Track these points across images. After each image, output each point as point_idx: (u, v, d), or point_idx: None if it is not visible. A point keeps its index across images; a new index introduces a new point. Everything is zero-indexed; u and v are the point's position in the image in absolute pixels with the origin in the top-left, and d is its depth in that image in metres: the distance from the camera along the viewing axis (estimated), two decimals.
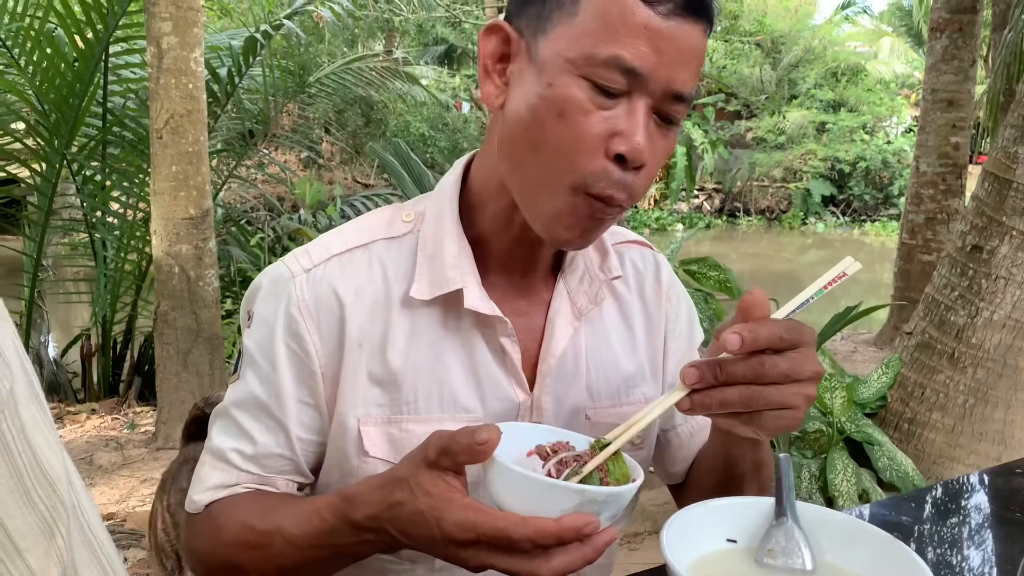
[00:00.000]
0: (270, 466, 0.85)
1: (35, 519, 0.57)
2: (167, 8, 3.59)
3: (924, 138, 5.77)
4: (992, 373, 3.04)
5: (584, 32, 0.73)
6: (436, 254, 0.85)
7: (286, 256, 0.88)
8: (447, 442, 0.68)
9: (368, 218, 0.90)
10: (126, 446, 3.85)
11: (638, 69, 0.73)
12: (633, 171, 0.76)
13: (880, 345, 6.21)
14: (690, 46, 0.74)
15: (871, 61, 18.31)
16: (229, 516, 0.83)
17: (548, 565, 0.65)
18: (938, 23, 5.60)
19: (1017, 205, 2.93)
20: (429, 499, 0.68)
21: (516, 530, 0.64)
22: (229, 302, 4.90)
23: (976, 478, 1.16)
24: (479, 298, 0.84)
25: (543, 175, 0.77)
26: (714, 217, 17.32)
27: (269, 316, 0.85)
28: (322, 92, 6.29)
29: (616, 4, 0.73)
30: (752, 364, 0.69)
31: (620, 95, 0.74)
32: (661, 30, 0.73)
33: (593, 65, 0.73)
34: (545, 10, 0.76)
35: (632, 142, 0.74)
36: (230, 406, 0.86)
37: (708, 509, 0.79)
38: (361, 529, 0.73)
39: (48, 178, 4.71)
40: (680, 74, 0.75)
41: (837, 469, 2.82)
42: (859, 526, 0.78)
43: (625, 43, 0.72)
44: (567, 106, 0.74)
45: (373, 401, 0.84)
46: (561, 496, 0.65)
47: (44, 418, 0.61)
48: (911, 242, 5.85)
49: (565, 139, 0.75)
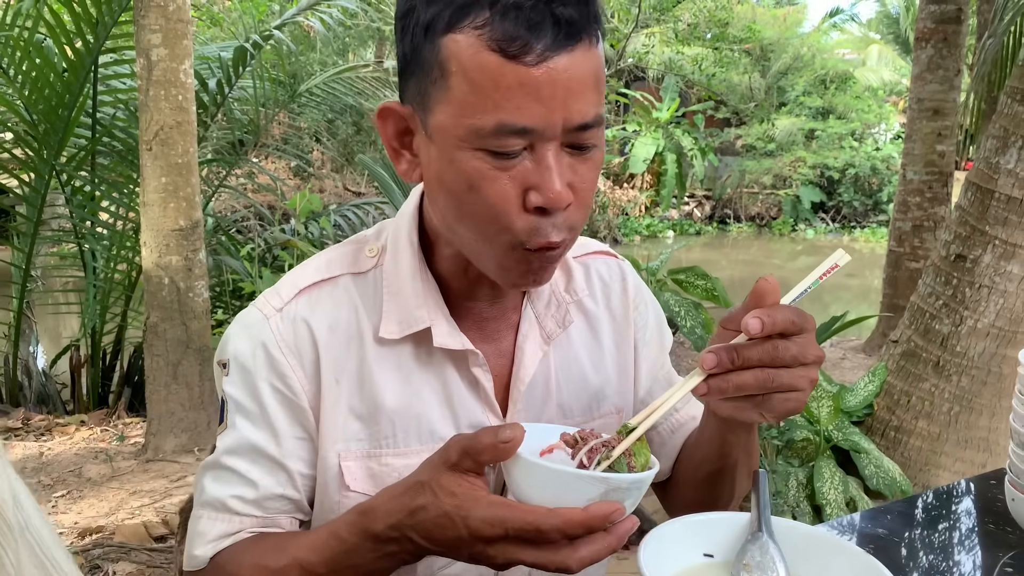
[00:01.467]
0: (272, 507, 0.85)
1: None
2: (157, 20, 3.60)
3: (911, 146, 5.82)
4: (976, 381, 3.07)
5: (462, 106, 0.71)
6: (400, 291, 0.85)
7: (256, 300, 0.88)
8: (468, 443, 0.69)
9: (332, 251, 0.91)
10: (115, 458, 3.84)
11: (528, 127, 0.71)
12: (562, 211, 0.75)
13: (868, 352, 6.25)
14: (577, 76, 0.71)
15: (859, 68, 18.42)
16: (239, 562, 0.81)
17: (576, 555, 0.67)
18: (923, 33, 5.66)
19: (999, 215, 2.97)
20: (454, 499, 0.69)
21: (545, 521, 0.65)
22: (219, 312, 4.89)
23: (952, 489, 1.18)
24: (448, 334, 0.85)
25: (478, 240, 0.77)
26: (704, 224, 17.38)
27: (248, 361, 0.84)
28: (312, 101, 6.31)
29: (482, 71, 0.70)
30: (767, 348, 0.71)
31: (521, 151, 0.72)
32: (537, 79, 0.69)
33: (482, 136, 0.71)
34: (423, 87, 0.75)
35: (547, 193, 0.72)
36: (223, 455, 0.85)
37: (685, 525, 0.81)
38: (383, 541, 0.73)
39: (37, 188, 4.71)
40: (576, 107, 0.72)
41: (824, 477, 2.84)
42: (833, 540, 0.80)
43: (505, 107, 0.70)
44: (473, 179, 0.73)
45: (352, 436, 0.85)
46: (587, 486, 0.67)
47: None
48: (899, 249, 5.90)
49: (483, 209, 0.74)
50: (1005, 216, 2.96)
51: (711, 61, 16.38)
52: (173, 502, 3.31)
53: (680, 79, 16.73)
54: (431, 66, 0.73)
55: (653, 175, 16.58)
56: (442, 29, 0.72)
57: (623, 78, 17.09)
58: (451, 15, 0.71)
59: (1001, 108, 3.05)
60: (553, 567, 0.67)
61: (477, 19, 0.70)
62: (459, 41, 0.71)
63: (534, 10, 0.69)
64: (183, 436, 3.86)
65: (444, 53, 0.72)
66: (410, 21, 0.75)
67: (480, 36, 0.70)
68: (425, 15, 0.73)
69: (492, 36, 0.69)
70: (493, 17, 0.69)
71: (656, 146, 16.09)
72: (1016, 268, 2.96)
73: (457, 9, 0.71)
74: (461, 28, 0.71)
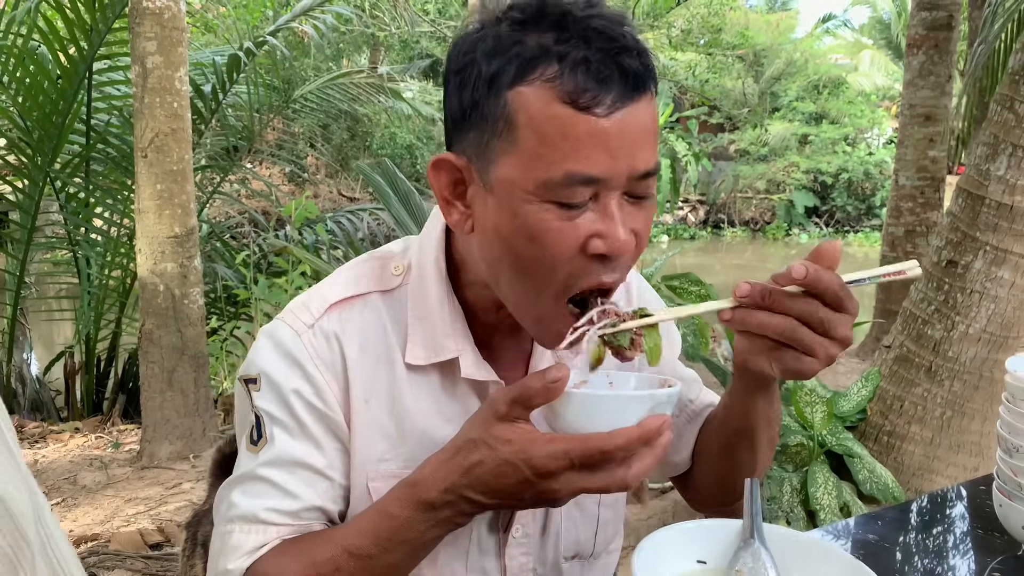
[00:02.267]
0: (307, 517, 0.85)
1: None
2: (152, 28, 3.61)
3: (903, 152, 5.85)
4: (968, 386, 3.09)
5: (531, 158, 0.72)
6: (427, 316, 0.86)
7: (284, 314, 0.88)
8: (518, 392, 0.72)
9: (359, 266, 0.91)
10: (110, 465, 3.83)
11: (597, 176, 0.72)
12: (622, 257, 0.76)
13: (863, 357, 6.27)
14: (640, 127, 0.73)
15: (852, 73, 18.52)
16: (281, 564, 0.81)
17: (632, 472, 0.71)
18: (915, 39, 5.69)
19: (990, 221, 2.99)
20: (511, 446, 0.72)
21: (608, 443, 0.69)
22: (214, 319, 4.89)
23: (942, 495, 1.19)
24: (474, 364, 0.86)
25: (527, 290, 0.78)
26: (699, 228, 17.43)
27: (282, 377, 0.84)
28: (307, 107, 6.32)
29: (553, 122, 0.71)
30: (801, 302, 0.73)
31: (587, 201, 0.74)
32: (606, 130, 0.71)
33: (551, 188, 0.72)
34: (484, 139, 0.75)
35: (612, 242, 0.74)
36: (258, 468, 0.84)
37: (678, 532, 0.82)
38: (436, 507, 0.75)
39: (31, 195, 4.71)
40: (639, 156, 0.74)
41: (818, 483, 2.85)
42: (824, 546, 0.81)
43: (575, 157, 0.71)
44: (537, 230, 0.74)
45: (380, 456, 0.86)
46: (636, 406, 0.72)
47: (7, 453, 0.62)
48: (891, 254, 5.93)
49: (542, 258, 0.75)
50: (996, 222, 2.98)
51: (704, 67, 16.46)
52: (168, 509, 3.31)
53: (674, 85, 16.79)
54: (495, 119, 0.74)
55: None
56: (508, 83, 0.73)
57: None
58: (518, 69, 0.72)
59: (991, 115, 3.07)
60: (615, 487, 0.71)
61: (546, 72, 0.71)
62: (527, 94, 0.72)
63: (603, 63, 0.71)
64: (178, 443, 3.85)
65: (511, 106, 0.73)
66: (470, 75, 0.75)
67: (551, 89, 0.71)
68: (488, 68, 0.74)
69: (563, 88, 0.71)
70: (563, 70, 0.71)
71: None
72: (1007, 273, 2.98)
73: (525, 63, 0.72)
74: (530, 81, 0.72)
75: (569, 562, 0.95)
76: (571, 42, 0.71)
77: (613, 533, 1.01)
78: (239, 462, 0.87)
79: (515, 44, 0.73)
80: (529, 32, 0.73)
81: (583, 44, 0.71)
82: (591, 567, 0.99)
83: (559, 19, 0.73)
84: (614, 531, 1.01)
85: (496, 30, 0.75)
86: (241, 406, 0.88)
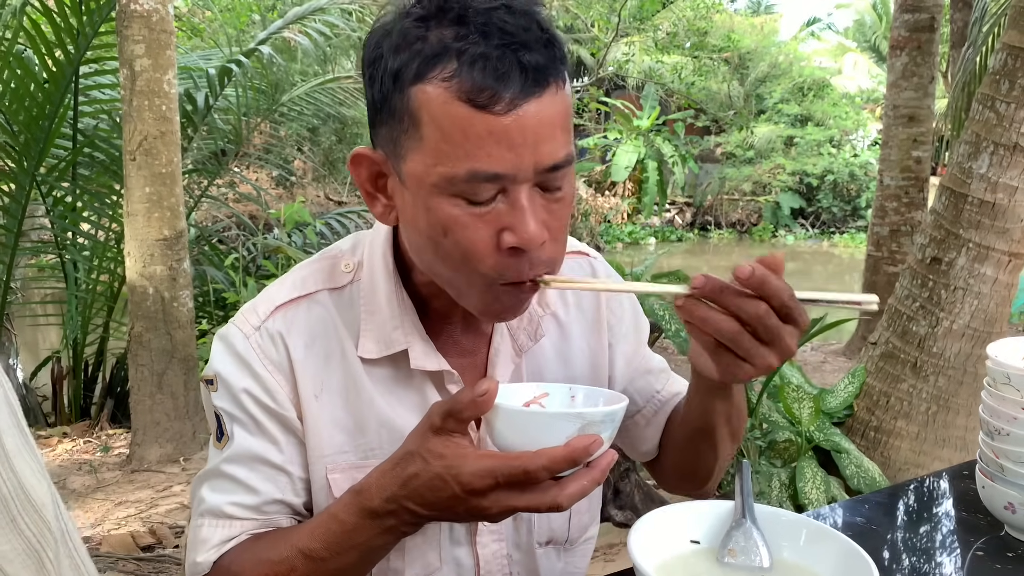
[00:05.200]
0: (271, 511, 0.87)
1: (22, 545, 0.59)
2: (140, 31, 3.61)
3: (887, 152, 5.92)
4: (953, 381, 3.14)
5: (436, 155, 0.73)
6: (377, 311, 0.88)
7: (236, 317, 0.90)
8: (450, 405, 0.72)
9: (306, 267, 0.93)
10: (100, 469, 3.82)
11: (500, 173, 0.73)
12: (538, 249, 0.76)
13: (849, 355, 6.33)
14: (544, 121, 0.73)
15: (836, 76, 18.66)
16: (242, 561, 0.84)
17: (564, 493, 0.70)
18: (898, 41, 5.76)
19: (972, 218, 3.04)
20: (443, 461, 0.72)
21: (532, 463, 0.68)
22: (203, 323, 4.89)
23: (926, 481, 1.22)
24: (424, 355, 0.88)
25: (456, 278, 0.80)
26: (686, 231, 17.51)
27: (234, 378, 0.87)
28: (294, 111, 6.32)
29: (453, 121, 0.71)
30: (751, 304, 0.71)
31: (495, 195, 0.74)
32: (507, 127, 0.71)
33: (455, 184, 0.73)
34: (394, 135, 0.76)
35: (522, 235, 0.74)
36: (221, 464, 0.87)
37: (673, 512, 0.84)
38: (380, 516, 0.76)
39: (17, 199, 4.68)
40: (545, 150, 0.74)
41: (806, 477, 2.89)
42: (814, 526, 0.83)
43: (477, 155, 0.72)
44: (447, 224, 0.75)
45: (338, 448, 0.88)
46: (563, 423, 0.71)
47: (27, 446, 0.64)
48: (877, 254, 5.99)
49: (459, 252, 0.76)
50: (978, 220, 3.03)
51: (690, 70, 16.53)
52: (159, 512, 3.30)
53: (660, 87, 16.86)
54: (402, 115, 0.74)
55: (634, 182, 16.70)
56: (411, 79, 0.73)
57: (603, 87, 17.21)
58: (419, 66, 0.72)
59: (973, 114, 3.12)
60: (545, 507, 0.70)
61: (445, 70, 0.71)
62: (428, 92, 0.72)
63: (501, 60, 0.71)
64: (168, 446, 3.85)
65: (414, 103, 0.73)
66: (378, 69, 0.76)
67: (449, 88, 0.71)
68: (393, 64, 0.74)
69: (461, 87, 0.71)
70: (461, 68, 0.71)
71: (637, 154, 16.21)
72: (989, 270, 3.03)
73: (424, 60, 0.72)
74: (430, 79, 0.72)
75: (543, 548, 0.97)
76: (470, 38, 0.71)
77: (589, 520, 1.02)
78: (209, 457, 0.90)
79: (417, 40, 0.73)
80: (431, 28, 0.73)
81: (482, 40, 0.71)
82: (568, 553, 1.00)
83: (460, 14, 0.73)
84: (590, 519, 1.02)
85: (401, 24, 0.74)
86: (206, 404, 0.91)
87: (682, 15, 15.36)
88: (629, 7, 13.69)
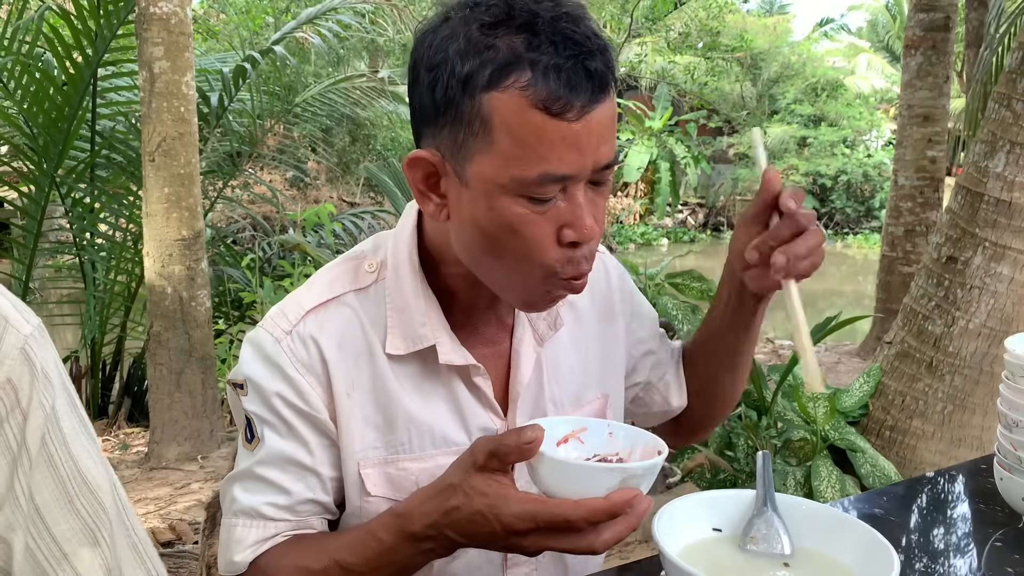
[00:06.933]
0: (303, 511, 0.90)
1: (79, 525, 0.61)
2: (159, 33, 3.65)
3: (902, 152, 5.89)
4: (969, 380, 3.13)
5: (507, 159, 0.77)
6: (404, 308, 0.90)
7: (264, 322, 0.92)
8: (496, 446, 0.75)
9: (331, 271, 0.95)
10: (119, 467, 3.86)
11: (567, 175, 0.78)
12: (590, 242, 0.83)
13: (863, 356, 6.30)
14: (605, 124, 0.78)
15: (850, 76, 18.59)
16: (280, 565, 0.86)
17: (600, 539, 0.73)
18: (912, 41, 5.74)
19: (989, 217, 3.03)
20: (485, 499, 0.75)
21: (573, 513, 0.72)
22: (220, 323, 4.93)
23: (944, 474, 1.23)
24: (451, 350, 0.90)
25: (511, 274, 0.84)
26: (698, 231, 17.48)
27: (265, 382, 0.88)
28: (308, 112, 6.36)
29: (527, 127, 0.75)
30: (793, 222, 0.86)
31: (555, 195, 0.79)
32: (577, 133, 0.76)
33: (525, 185, 0.77)
34: (461, 138, 0.79)
35: (580, 229, 0.80)
36: (254, 466, 0.89)
37: (695, 501, 0.86)
38: (420, 540, 0.79)
39: (37, 201, 4.74)
40: (603, 151, 0.79)
41: (822, 476, 2.88)
42: (834, 514, 0.85)
43: (549, 159, 0.76)
44: (513, 223, 0.79)
45: (369, 444, 0.90)
46: (605, 477, 0.74)
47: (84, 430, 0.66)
48: (891, 254, 5.96)
49: (521, 249, 0.81)
50: (994, 218, 3.02)
51: (703, 70, 16.51)
52: (178, 509, 3.34)
53: (672, 88, 16.85)
54: (471, 120, 0.77)
55: (647, 183, 16.69)
56: (483, 86, 0.76)
57: (616, 87, 17.20)
58: (491, 74, 0.75)
59: (989, 113, 3.11)
60: (580, 551, 0.74)
61: (520, 80, 0.75)
62: (502, 99, 0.75)
63: (573, 70, 0.75)
64: (186, 444, 3.88)
65: (486, 109, 0.76)
66: (442, 72, 0.78)
67: (524, 96, 0.75)
68: (461, 69, 0.76)
69: (536, 96, 0.75)
70: (535, 77, 0.74)
71: (649, 155, 16.20)
72: (1006, 269, 3.02)
73: (497, 69, 0.75)
74: (504, 87, 0.75)
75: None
76: (541, 48, 0.75)
77: None
78: (238, 458, 0.93)
79: (487, 48, 0.75)
80: (500, 35, 0.76)
81: (552, 50, 0.75)
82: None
83: (528, 22, 0.76)
84: None
85: (467, 30, 0.77)
86: (234, 407, 0.94)
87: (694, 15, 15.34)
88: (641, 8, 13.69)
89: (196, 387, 3.91)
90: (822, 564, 0.81)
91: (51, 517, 0.61)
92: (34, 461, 0.59)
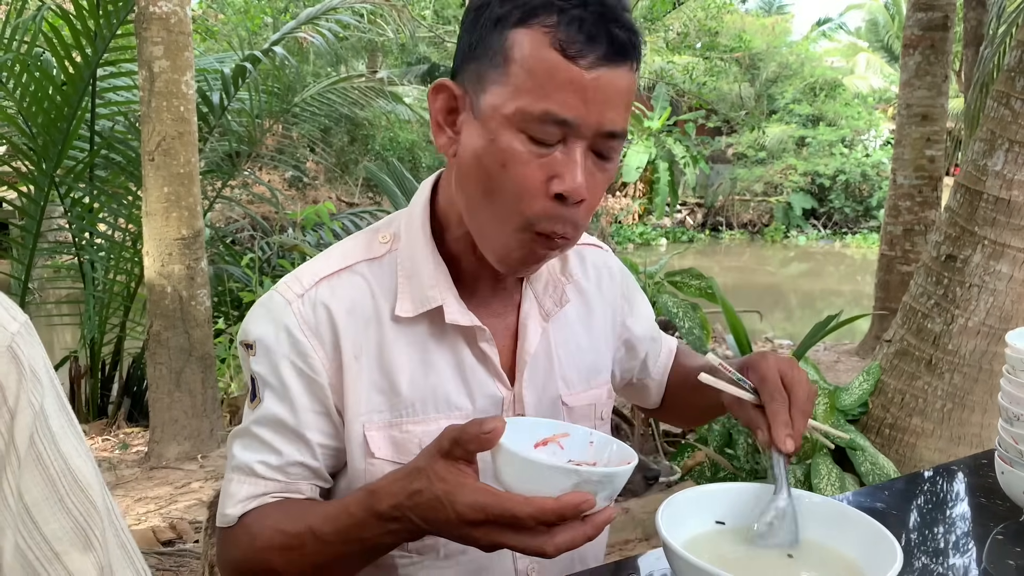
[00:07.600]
0: (294, 473, 0.92)
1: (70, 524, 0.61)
2: (159, 32, 3.65)
3: (900, 151, 5.91)
4: (968, 378, 3.13)
5: (516, 89, 0.81)
6: (414, 274, 0.93)
7: (277, 284, 0.95)
8: (458, 434, 0.76)
9: (347, 243, 0.99)
10: (119, 466, 3.86)
11: (569, 120, 0.80)
12: (574, 206, 0.84)
13: (862, 355, 6.31)
14: (616, 89, 0.82)
15: (848, 76, 18.60)
16: (262, 524, 0.89)
17: (552, 541, 0.73)
18: (911, 40, 5.75)
19: (988, 215, 3.04)
20: (444, 485, 0.75)
21: (520, 509, 0.72)
22: (220, 322, 4.93)
23: (945, 468, 1.23)
24: (458, 312, 0.92)
25: (492, 217, 0.86)
26: (697, 231, 17.49)
27: (272, 342, 0.91)
28: (307, 112, 6.36)
29: (542, 62, 0.80)
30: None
31: (556, 142, 0.82)
32: (586, 82, 0.80)
33: (527, 120, 0.81)
34: (482, 70, 0.84)
35: (570, 182, 0.82)
36: (251, 425, 0.92)
37: (699, 494, 0.86)
38: (386, 519, 0.79)
39: (36, 201, 4.74)
40: (609, 115, 0.82)
41: (821, 474, 2.89)
42: (838, 507, 0.85)
43: (554, 98, 0.80)
44: (508, 158, 0.82)
45: (375, 408, 0.92)
46: (559, 477, 0.72)
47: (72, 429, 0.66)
48: (890, 253, 5.97)
49: (509, 186, 0.83)
50: (993, 217, 3.03)
51: (701, 70, 16.53)
52: (178, 508, 3.34)
53: (671, 88, 16.86)
54: (494, 52, 0.82)
55: (645, 183, 16.70)
56: (512, 23, 0.82)
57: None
58: (522, 13, 0.81)
59: (988, 112, 3.12)
60: (531, 551, 0.73)
61: (546, 20, 0.80)
62: (525, 35, 0.81)
63: (595, 25, 0.80)
64: (186, 443, 3.88)
65: (509, 43, 0.82)
66: (483, 13, 0.84)
67: (546, 34, 0.80)
68: (499, 10, 0.83)
69: (556, 36, 0.80)
70: (560, 22, 0.80)
71: (648, 154, 16.22)
72: (1005, 267, 3.02)
73: (529, 10, 0.81)
74: (530, 24, 0.81)
75: None
76: (572, 1, 0.80)
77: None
78: (243, 415, 0.96)
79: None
80: None
81: (581, 6, 0.80)
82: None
83: None
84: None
85: None
86: (244, 367, 0.97)
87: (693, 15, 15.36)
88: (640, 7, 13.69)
89: (196, 386, 3.91)
90: (826, 556, 0.81)
91: (41, 516, 0.60)
92: (23, 460, 0.58)
